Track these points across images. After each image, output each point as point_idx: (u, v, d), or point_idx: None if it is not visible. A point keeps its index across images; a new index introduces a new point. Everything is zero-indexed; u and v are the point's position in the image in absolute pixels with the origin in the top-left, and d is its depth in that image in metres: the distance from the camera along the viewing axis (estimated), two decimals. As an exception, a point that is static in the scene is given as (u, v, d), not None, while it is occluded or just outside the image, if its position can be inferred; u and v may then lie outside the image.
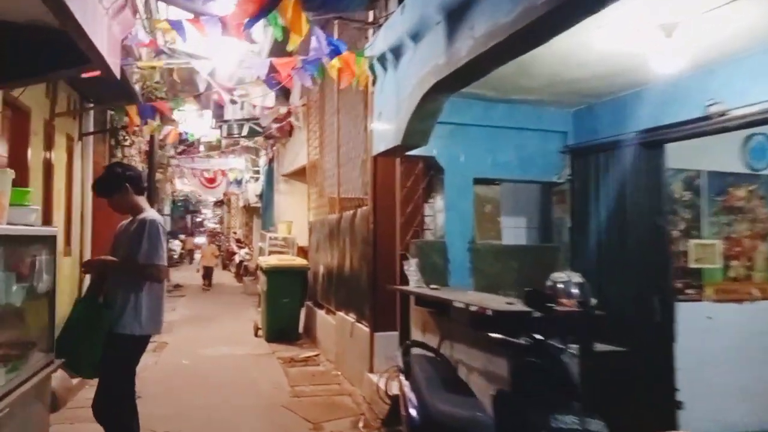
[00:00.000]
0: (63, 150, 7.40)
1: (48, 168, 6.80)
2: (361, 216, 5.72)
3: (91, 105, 7.77)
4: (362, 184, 6.43)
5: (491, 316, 2.68)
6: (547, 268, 4.60)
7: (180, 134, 8.82)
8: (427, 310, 3.93)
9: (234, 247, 19.34)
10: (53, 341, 3.11)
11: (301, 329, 8.30)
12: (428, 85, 3.25)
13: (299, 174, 12.11)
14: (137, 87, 8.13)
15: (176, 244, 22.44)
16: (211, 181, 17.66)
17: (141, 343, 3.38)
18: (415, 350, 3.43)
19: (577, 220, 4.69)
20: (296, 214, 11.90)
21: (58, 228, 4.03)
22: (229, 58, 6.90)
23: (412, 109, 3.50)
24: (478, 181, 4.46)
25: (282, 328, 7.97)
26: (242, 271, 16.83)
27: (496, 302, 3.09)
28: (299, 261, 8.23)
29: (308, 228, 8.91)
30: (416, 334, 4.16)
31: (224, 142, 15.89)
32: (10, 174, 2.56)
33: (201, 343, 7.86)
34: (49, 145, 6.82)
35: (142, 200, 3.49)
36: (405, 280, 4.37)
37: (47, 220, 6.86)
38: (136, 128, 7.98)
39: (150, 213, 3.43)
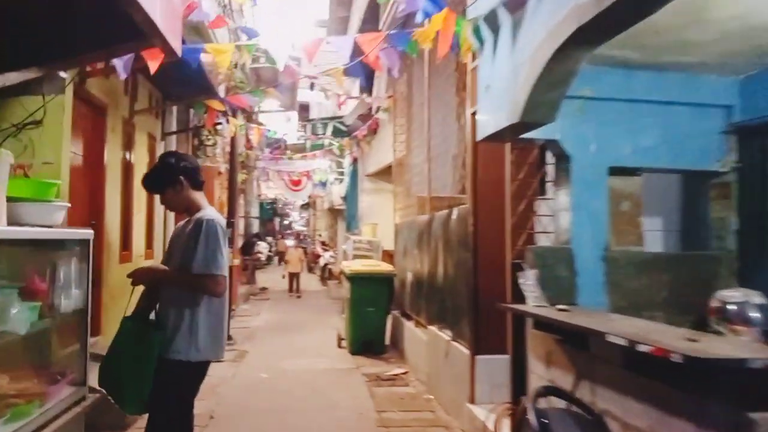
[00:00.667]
0: (144, 149, 7.19)
1: (127, 167, 6.56)
2: (457, 217, 4.89)
3: (173, 103, 7.50)
4: (455, 182, 5.61)
5: (679, 363, 1.77)
6: (704, 283, 3.55)
7: (263, 132, 8.42)
8: (553, 337, 3.03)
9: (319, 249, 19.12)
10: (85, 371, 2.55)
11: (387, 341, 7.60)
12: (564, 36, 2.37)
13: (384, 173, 11.46)
14: (222, 87, 7.82)
15: (263, 246, 22.65)
16: (297, 183, 17.52)
17: (198, 370, 2.74)
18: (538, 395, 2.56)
19: (748, 220, 3.58)
20: (381, 216, 11.27)
21: (91, 231, 3.51)
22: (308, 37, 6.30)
23: (536, 73, 2.63)
24: (614, 171, 3.48)
25: (367, 339, 7.30)
26: (327, 275, 16.48)
27: (670, 336, 2.15)
28: (385, 267, 7.53)
29: (394, 230, 8.20)
30: (536, 366, 3.26)
31: (308, 143, 15.65)
32: (6, 157, 1.97)
33: (282, 354, 7.36)
34: (128, 143, 6.58)
35: (200, 197, 2.89)
36: (518, 296, 3.49)
37: (126, 222, 6.65)
38: (219, 125, 7.66)
39: (209, 212, 2.82)
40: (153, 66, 3.60)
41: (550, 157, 3.69)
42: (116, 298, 6.17)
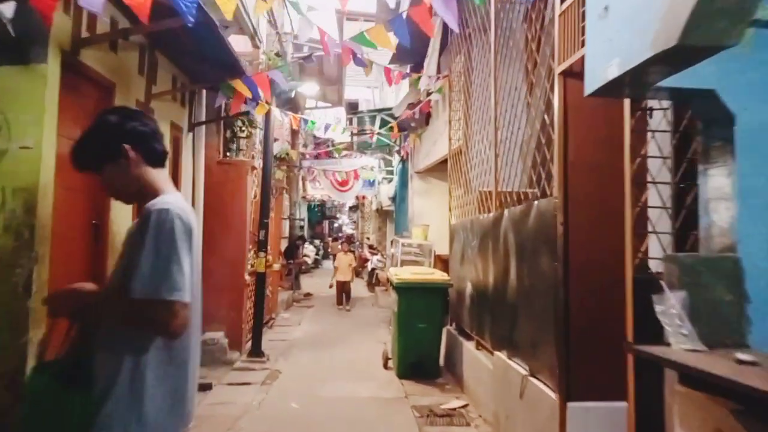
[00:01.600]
0: (166, 140, 6.38)
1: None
2: (538, 213, 3.72)
3: (202, 87, 6.65)
4: (523, 174, 4.47)
5: None
6: None
7: (300, 121, 7.46)
8: (724, 403, 1.85)
9: (367, 253, 18.15)
10: None
11: (440, 361, 6.47)
12: None
13: (437, 169, 10.33)
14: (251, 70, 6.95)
15: (310, 250, 21.92)
16: (344, 183, 16.62)
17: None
18: None
19: None
20: (433, 217, 10.14)
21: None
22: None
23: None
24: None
25: (417, 360, 6.19)
26: (374, 280, 15.47)
27: None
28: (439, 275, 6.41)
29: (449, 233, 7.06)
30: (685, 443, 2.08)
31: (356, 140, 14.71)
32: None
33: (319, 375, 6.35)
34: (144, 132, 5.79)
35: (159, 177, 1.89)
36: (643, 326, 2.33)
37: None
38: (248, 112, 6.76)
39: (168, 198, 1.82)
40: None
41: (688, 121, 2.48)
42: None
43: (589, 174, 3.22)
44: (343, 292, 12.25)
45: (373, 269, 15.69)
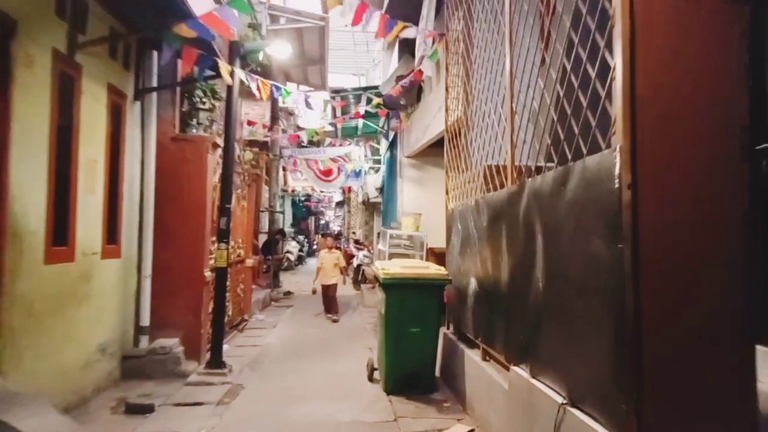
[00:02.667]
0: (101, 108, 5.21)
1: (64, 132, 4.59)
2: (584, 177, 2.64)
3: (140, 36, 5.49)
4: (540, 145, 3.40)
5: None
6: None
7: (271, 89, 6.33)
8: None
9: (352, 248, 17.03)
10: None
11: (436, 370, 5.41)
12: None
13: (430, 153, 9.26)
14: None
15: (293, 246, 20.75)
16: (327, 173, 15.49)
17: None
18: None
19: None
20: (426, 207, 9.08)
21: None
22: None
23: None
24: None
25: (409, 373, 5.12)
26: (360, 278, 14.36)
27: None
28: (435, 270, 5.31)
29: (447, 219, 5.99)
30: None
31: (340, 126, 13.59)
32: None
33: (290, 392, 5.25)
34: (65, 95, 4.63)
35: None
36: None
37: (63, 205, 4.67)
38: (212, 78, 5.62)
39: None
40: None
41: None
42: (40, 316, 4.19)
43: (670, 115, 2.16)
44: (327, 298, 9.91)
45: (358, 266, 14.56)
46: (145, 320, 6.03)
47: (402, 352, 5.12)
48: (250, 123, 10.41)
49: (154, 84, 6.07)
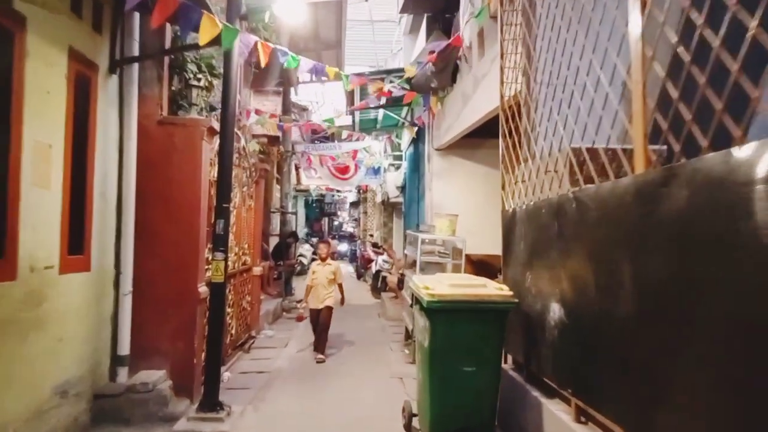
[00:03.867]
0: (58, 77, 4.01)
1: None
2: None
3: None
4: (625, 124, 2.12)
5: None
6: None
7: (272, 53, 5.10)
8: None
9: (370, 252, 15.79)
10: None
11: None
12: None
13: (465, 144, 8.00)
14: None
15: (306, 249, 19.55)
16: (344, 170, 14.28)
17: None
18: None
19: None
20: (459, 206, 7.82)
21: None
22: None
23: None
24: None
25: (462, 426, 3.85)
26: (380, 284, 13.11)
27: None
28: (495, 289, 4.01)
29: (504, 223, 4.71)
30: None
31: (358, 118, 12.37)
32: None
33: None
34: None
35: None
36: None
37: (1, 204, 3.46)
38: (201, 48, 4.40)
39: None
40: None
41: None
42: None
43: None
44: (317, 327, 7.08)
45: (378, 272, 13.32)
46: (125, 348, 4.84)
47: (451, 398, 3.85)
48: (258, 112, 9.21)
49: (135, 52, 4.88)
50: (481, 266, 7.61)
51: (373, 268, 13.87)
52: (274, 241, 13.36)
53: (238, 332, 7.20)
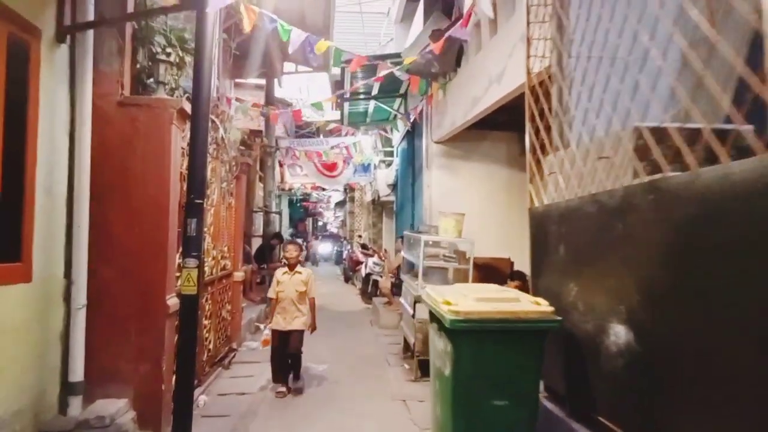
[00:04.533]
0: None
1: None
2: None
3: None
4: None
5: None
6: None
7: (256, 16, 4.30)
8: None
9: (359, 254, 15.01)
10: None
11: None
12: None
13: (469, 136, 7.28)
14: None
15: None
16: (331, 167, 13.48)
17: None
18: None
19: None
20: (463, 206, 7.09)
21: None
22: None
23: None
24: None
25: (492, 474, 3.11)
26: (370, 289, 12.35)
27: None
28: (530, 304, 3.26)
29: (531, 225, 3.97)
30: None
31: (347, 110, 11.60)
32: None
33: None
34: None
35: None
36: None
37: None
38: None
39: None
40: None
41: None
42: None
43: None
44: (285, 355, 5.53)
45: (368, 275, 12.55)
46: (77, 373, 4.01)
47: (478, 439, 3.12)
48: (239, 100, 8.38)
49: (90, 17, 4.05)
50: (487, 271, 6.89)
51: (363, 271, 13.10)
52: (257, 243, 12.53)
53: (217, 346, 6.38)
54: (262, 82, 12.12)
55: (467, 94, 6.28)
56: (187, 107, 4.34)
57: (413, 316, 5.93)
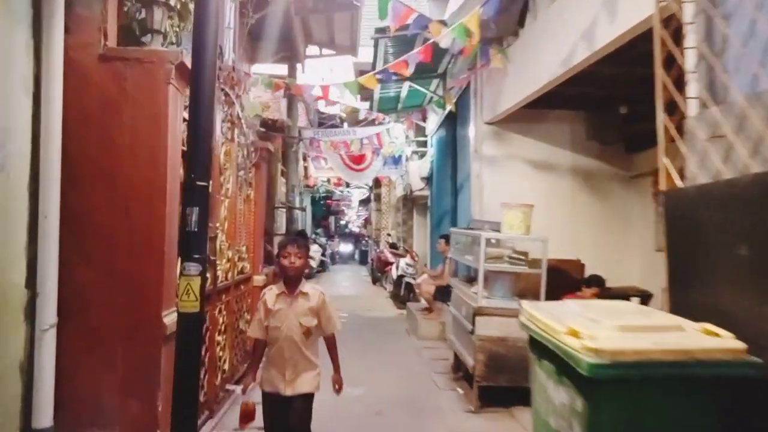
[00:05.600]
0: None
1: None
2: None
3: None
4: None
5: None
6: None
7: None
8: None
9: (387, 254, 13.92)
10: None
11: None
12: None
13: (528, 115, 6.14)
14: None
15: (315, 250, 17.71)
16: (359, 160, 12.42)
17: None
18: None
19: None
20: (518, 197, 5.92)
21: None
22: None
23: None
24: None
25: None
26: (403, 293, 11.25)
27: None
28: (699, 334, 2.13)
29: (672, 211, 2.79)
30: None
31: (378, 95, 10.50)
32: None
33: None
34: None
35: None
36: None
37: None
38: None
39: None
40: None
41: None
42: None
43: None
44: None
45: (400, 277, 11.45)
46: (44, 416, 2.99)
47: None
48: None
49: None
50: (553, 275, 5.71)
51: (394, 272, 12.00)
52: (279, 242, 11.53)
53: (233, 365, 5.34)
54: (281, 71, 11.12)
55: (536, 59, 5.13)
56: (190, 62, 3.28)
57: (472, 332, 4.81)
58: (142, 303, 3.20)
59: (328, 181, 17.78)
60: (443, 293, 8.14)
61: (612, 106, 6.44)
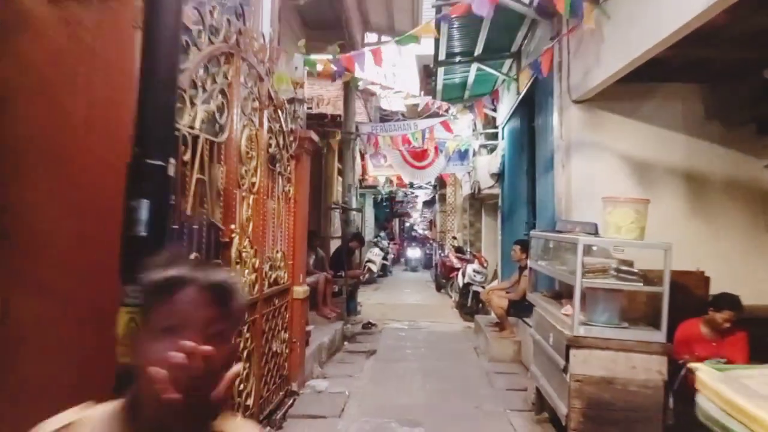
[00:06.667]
0: None
1: None
2: None
3: None
4: None
5: None
6: None
7: None
8: None
9: (453, 259, 12.73)
10: None
11: None
12: None
13: (628, 92, 4.85)
14: None
15: (376, 254, 16.76)
16: (421, 156, 11.33)
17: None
18: None
19: None
20: (615, 192, 4.65)
21: None
22: None
23: None
24: None
25: None
26: (470, 303, 10.03)
27: None
28: None
29: None
30: None
31: (441, 86, 9.40)
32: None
33: None
34: None
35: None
36: None
37: None
38: None
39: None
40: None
41: None
42: None
43: None
44: None
45: (467, 285, 10.24)
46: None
47: None
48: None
49: None
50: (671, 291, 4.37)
51: (460, 280, 10.79)
52: (336, 245, 10.66)
53: (263, 396, 4.39)
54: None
55: (644, 11, 3.85)
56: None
57: (565, 369, 3.60)
58: (105, 341, 2.28)
59: (391, 182, 16.78)
60: (518, 308, 6.92)
61: (742, 75, 5.01)
